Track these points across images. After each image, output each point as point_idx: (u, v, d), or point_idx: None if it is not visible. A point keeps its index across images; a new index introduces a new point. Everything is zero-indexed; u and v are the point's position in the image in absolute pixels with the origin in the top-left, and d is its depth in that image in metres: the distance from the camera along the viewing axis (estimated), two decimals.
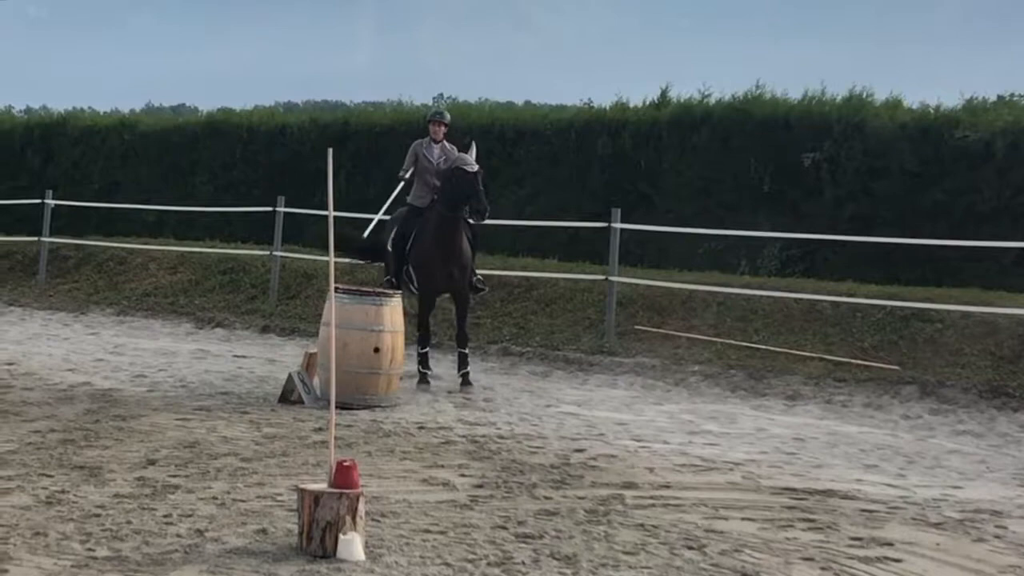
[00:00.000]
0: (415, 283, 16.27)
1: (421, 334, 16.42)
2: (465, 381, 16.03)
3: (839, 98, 23.27)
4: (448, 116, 17.21)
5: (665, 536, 8.91)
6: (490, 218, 22.23)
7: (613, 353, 18.45)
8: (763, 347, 17.67)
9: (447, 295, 16.72)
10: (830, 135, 22.41)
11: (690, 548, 8.62)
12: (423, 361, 16.33)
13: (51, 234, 27.47)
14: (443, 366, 17.34)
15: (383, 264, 17.40)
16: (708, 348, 18.13)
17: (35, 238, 27.56)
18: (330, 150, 9.23)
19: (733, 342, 18.04)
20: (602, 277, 19.86)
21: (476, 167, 15.82)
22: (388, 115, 29.62)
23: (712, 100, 24.55)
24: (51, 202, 27.71)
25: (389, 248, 16.69)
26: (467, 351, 16.32)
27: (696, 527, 9.23)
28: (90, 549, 7.97)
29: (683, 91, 25.83)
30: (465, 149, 16.52)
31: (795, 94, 23.92)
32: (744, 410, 15.38)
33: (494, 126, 26.32)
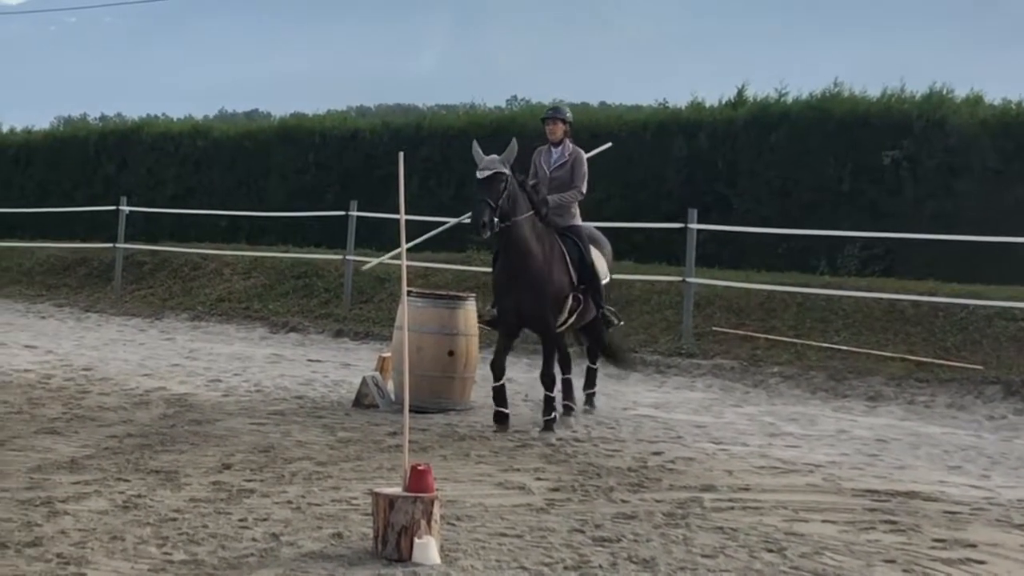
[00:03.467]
0: None
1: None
2: (547, 427, 13.26)
3: (919, 95, 23.11)
4: (566, 111, 14.23)
5: (744, 539, 8.87)
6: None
7: (691, 355, 18.39)
8: (843, 348, 17.56)
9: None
10: (910, 133, 22.25)
11: (770, 551, 8.57)
12: (495, 397, 13.49)
13: (126, 240, 27.75)
14: (516, 369, 17.33)
15: None
16: (787, 349, 18.03)
17: (111, 244, 27.85)
18: (401, 154, 9.30)
19: (813, 343, 17.94)
20: (679, 278, 19.80)
21: (488, 171, 12.80)
22: (461, 118, 29.70)
23: (790, 99, 24.46)
24: (126, 208, 28.00)
25: None
26: (549, 397, 13.42)
27: (776, 530, 9.18)
28: (167, 553, 8.04)
29: (760, 90, 25.66)
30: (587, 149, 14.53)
31: (874, 92, 23.79)
32: (825, 412, 15.28)
33: None
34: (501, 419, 13.24)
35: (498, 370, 13.33)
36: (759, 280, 20.15)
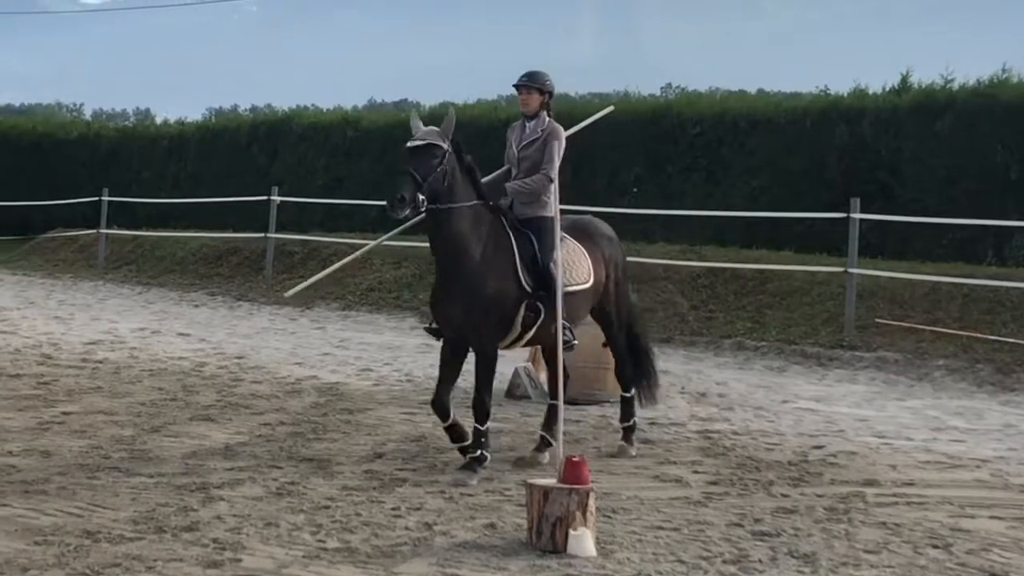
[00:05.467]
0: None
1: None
2: (467, 467, 10.44)
3: None
4: (545, 78, 11.14)
5: (908, 535, 8.77)
6: (722, 208, 22.06)
7: (853, 347, 18.18)
8: (1011, 340, 17.23)
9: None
10: None
11: (935, 547, 8.46)
12: (451, 439, 10.81)
13: (277, 230, 28.15)
14: (674, 361, 17.28)
15: None
16: (953, 342, 17.73)
17: (262, 234, 28.28)
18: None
19: (979, 335, 17.63)
20: (841, 269, 19.58)
21: (421, 140, 10.38)
22: (615, 107, 29.63)
23: (955, 85, 24.03)
24: (276, 199, 28.40)
25: None
26: (479, 430, 10.61)
27: (941, 525, 9.06)
28: (320, 540, 8.17)
29: (924, 76, 25.28)
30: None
31: None
32: (991, 405, 15.01)
33: (726, 115, 26.19)
34: (471, 464, 10.40)
35: (440, 408, 10.62)
36: (923, 271, 19.86)
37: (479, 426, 10.53)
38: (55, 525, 8.34)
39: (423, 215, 10.29)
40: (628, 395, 11.82)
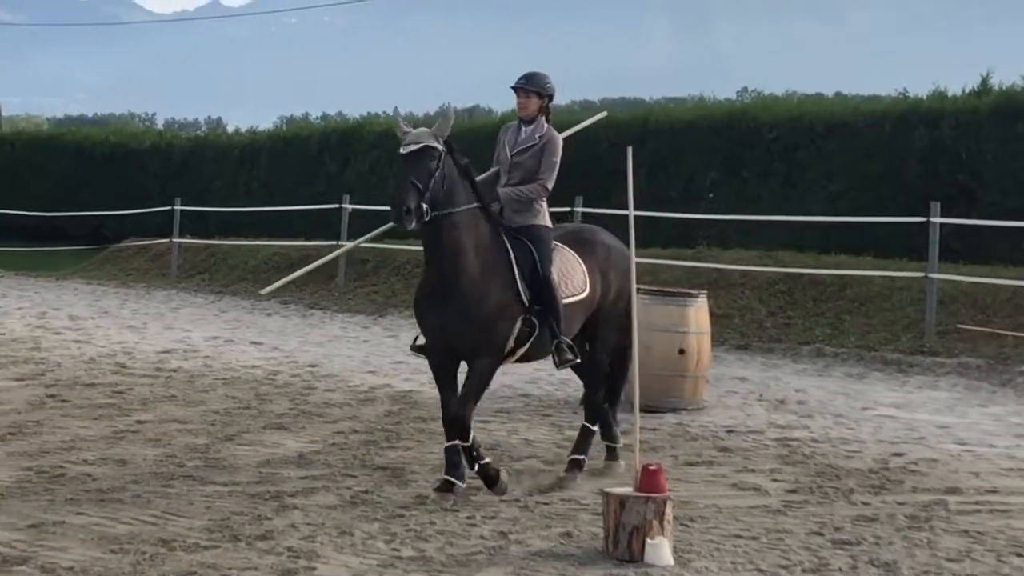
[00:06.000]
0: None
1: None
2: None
3: None
4: (545, 81, 10.62)
5: (992, 543, 8.69)
6: (799, 213, 21.94)
7: (934, 353, 18.04)
8: None
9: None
10: None
11: (1019, 555, 8.39)
12: (447, 459, 10.00)
13: (348, 238, 28.26)
14: (752, 368, 17.20)
15: None
16: None
17: (334, 242, 28.40)
18: (629, 148, 9.27)
19: None
20: (920, 274, 19.44)
21: (415, 144, 9.78)
22: (689, 111, 29.62)
23: None
24: (348, 206, 28.55)
25: None
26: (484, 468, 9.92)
27: None
28: (395, 549, 8.20)
29: (1006, 78, 25.02)
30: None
31: None
32: None
33: (802, 119, 26.09)
34: (447, 486, 9.78)
35: (453, 423, 9.94)
36: (1006, 275, 19.67)
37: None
38: (131, 533, 8.42)
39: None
40: (592, 427, 10.86)
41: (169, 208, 33.66)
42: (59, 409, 13.33)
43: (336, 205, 28.90)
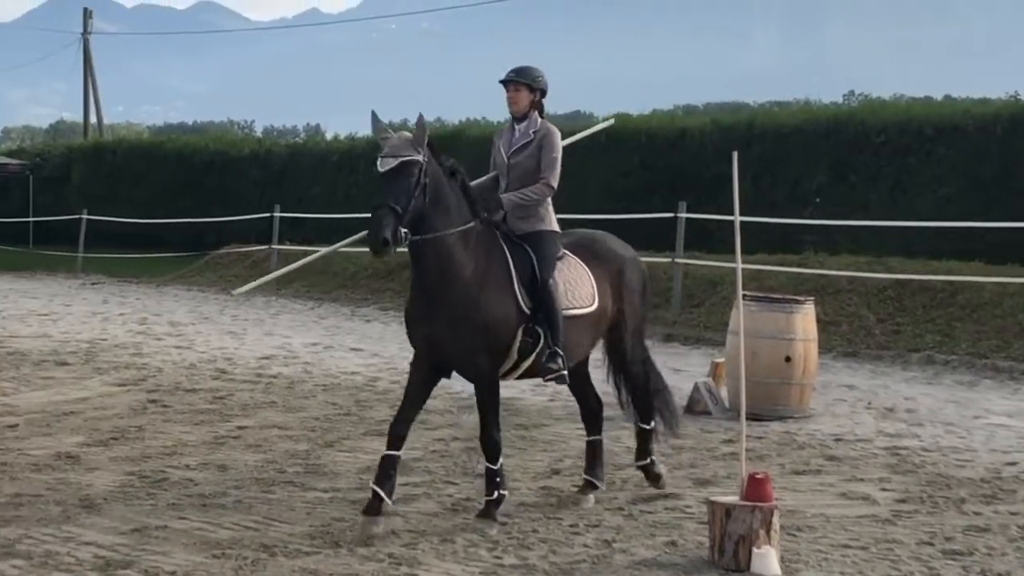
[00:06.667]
0: None
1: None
2: (484, 513, 9.25)
3: None
4: (536, 73, 9.91)
5: None
6: (909, 218, 21.70)
7: None
8: None
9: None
10: None
11: None
12: (379, 470, 9.13)
13: None
14: (860, 375, 17.05)
15: None
16: None
17: None
18: (735, 153, 9.22)
19: None
20: None
21: (393, 159, 9.02)
22: (795, 115, 29.44)
23: None
24: None
25: None
26: (492, 470, 9.34)
27: None
28: (497, 557, 8.23)
29: None
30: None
31: None
32: None
33: (911, 123, 25.87)
34: (370, 508, 8.88)
35: (393, 433, 9.21)
36: None
37: (491, 465, 9.26)
38: (232, 538, 8.52)
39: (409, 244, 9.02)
40: (648, 427, 10.53)
41: (268, 215, 33.94)
42: (161, 414, 13.53)
43: None
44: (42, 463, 11.04)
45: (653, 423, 10.51)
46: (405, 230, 8.84)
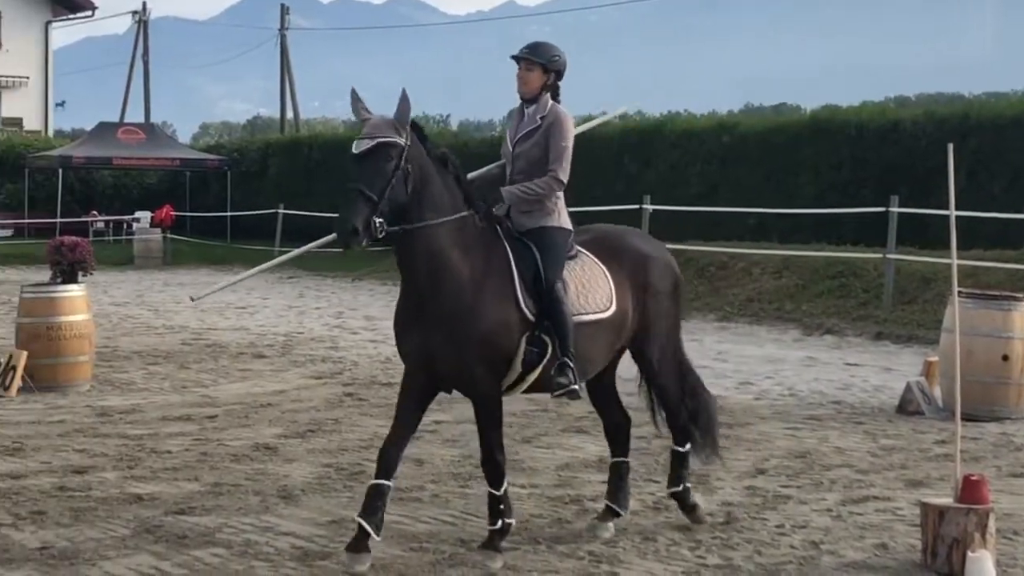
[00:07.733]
0: None
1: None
2: (488, 544, 8.26)
3: None
4: (553, 51, 8.80)
5: None
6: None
7: None
8: None
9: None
10: None
11: None
12: (365, 501, 8.12)
13: None
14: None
15: None
16: None
17: None
18: (950, 146, 9.06)
19: None
20: None
21: (369, 141, 7.96)
22: (1013, 106, 28.84)
23: None
24: (648, 207, 28.57)
25: None
26: (496, 496, 8.32)
27: None
28: (700, 557, 8.21)
29: None
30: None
31: None
32: None
33: None
34: (356, 545, 7.98)
35: (383, 459, 8.16)
36: None
37: (495, 491, 8.30)
38: (430, 532, 8.62)
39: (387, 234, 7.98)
40: (683, 449, 9.45)
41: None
42: (357, 408, 13.77)
43: (636, 206, 28.95)
44: (241, 454, 11.33)
45: (688, 445, 9.48)
46: (380, 220, 7.81)
